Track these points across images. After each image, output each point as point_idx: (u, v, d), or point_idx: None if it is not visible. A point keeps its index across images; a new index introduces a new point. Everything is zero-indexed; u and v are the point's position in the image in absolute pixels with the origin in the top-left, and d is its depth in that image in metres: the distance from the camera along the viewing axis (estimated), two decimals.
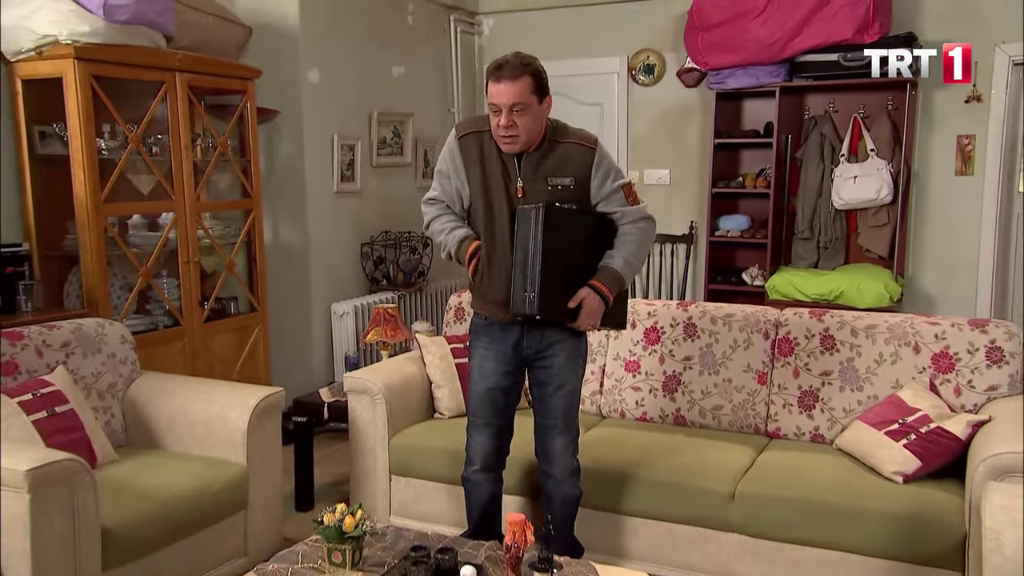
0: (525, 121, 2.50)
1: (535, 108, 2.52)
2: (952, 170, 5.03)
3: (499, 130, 2.52)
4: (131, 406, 3.21)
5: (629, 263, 2.64)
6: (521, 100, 2.47)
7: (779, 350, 3.29)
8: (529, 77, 2.49)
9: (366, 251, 5.22)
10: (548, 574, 2.03)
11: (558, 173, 2.59)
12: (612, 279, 2.61)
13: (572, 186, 2.59)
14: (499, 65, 2.50)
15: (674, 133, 5.69)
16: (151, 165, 3.90)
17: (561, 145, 2.61)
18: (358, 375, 3.39)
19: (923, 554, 2.59)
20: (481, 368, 2.78)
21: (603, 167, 2.62)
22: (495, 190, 2.63)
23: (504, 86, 2.47)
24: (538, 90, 2.52)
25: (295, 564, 2.30)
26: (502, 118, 2.49)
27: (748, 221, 5.36)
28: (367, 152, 5.21)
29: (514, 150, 2.57)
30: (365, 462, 3.39)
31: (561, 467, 2.76)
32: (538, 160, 2.59)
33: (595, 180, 2.62)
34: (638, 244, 2.66)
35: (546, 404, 2.75)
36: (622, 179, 2.66)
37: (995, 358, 2.96)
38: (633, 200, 2.66)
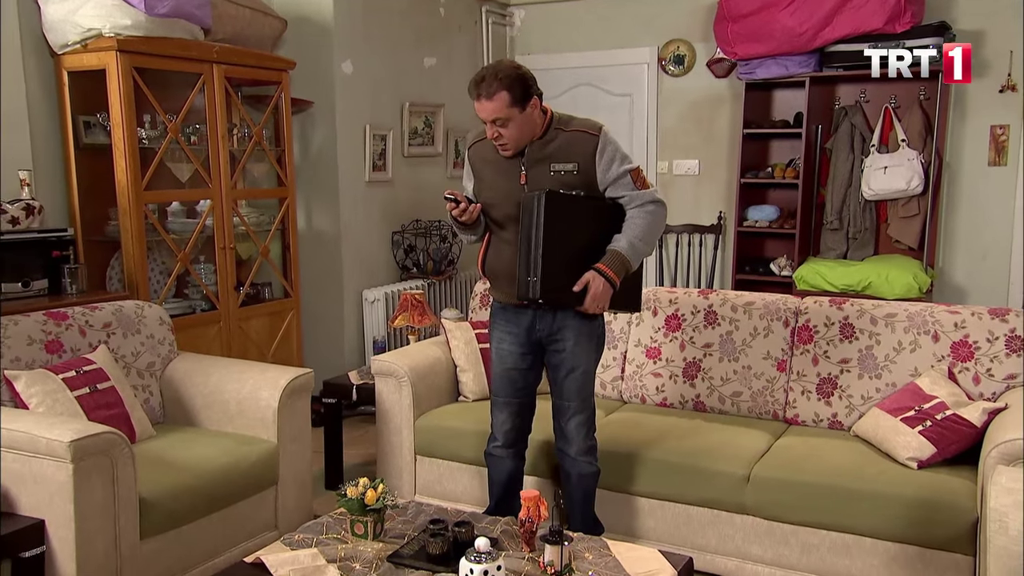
0: (510, 130, 2.60)
1: (518, 117, 2.59)
2: (985, 160, 4.99)
3: (492, 140, 2.66)
4: (168, 385, 3.35)
5: (634, 245, 2.66)
6: (500, 115, 2.57)
7: (799, 338, 3.33)
8: (505, 92, 2.55)
9: (397, 239, 5.32)
10: (558, 546, 2.11)
11: (561, 159, 2.65)
12: (617, 261, 2.64)
13: (576, 171, 2.65)
14: (476, 82, 2.59)
15: (703, 123, 5.71)
16: (189, 154, 4.03)
17: (564, 133, 2.68)
18: (385, 358, 3.49)
19: (935, 538, 2.62)
20: (499, 350, 2.87)
21: (607, 152, 2.66)
22: (501, 181, 2.74)
23: (483, 103, 2.58)
24: (518, 100, 2.58)
25: (320, 534, 2.41)
26: (488, 130, 2.63)
27: (777, 211, 5.37)
28: (399, 142, 5.31)
29: (508, 154, 2.68)
30: (391, 442, 3.49)
31: (576, 445, 2.84)
32: (540, 148, 2.67)
33: (600, 165, 2.66)
34: (645, 227, 2.67)
35: (560, 386, 2.83)
36: (629, 164, 2.69)
37: (1015, 347, 2.97)
38: (641, 185, 2.68)
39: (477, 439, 3.30)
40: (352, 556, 2.28)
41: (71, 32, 3.63)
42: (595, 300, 2.64)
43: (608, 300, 2.66)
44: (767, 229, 5.36)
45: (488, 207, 2.80)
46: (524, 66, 2.68)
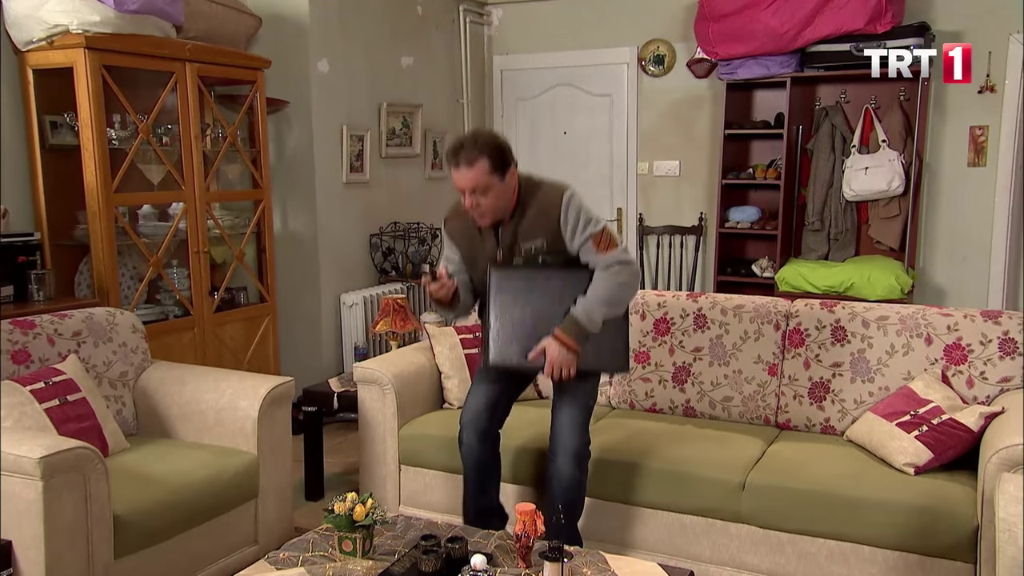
0: (489, 199, 2.60)
1: (497, 186, 2.59)
2: (965, 161, 5.00)
3: (469, 210, 2.66)
4: (142, 395, 3.22)
5: (590, 309, 2.62)
6: (480, 183, 2.56)
7: (790, 341, 3.28)
8: (485, 159, 2.55)
9: (375, 242, 5.22)
10: (558, 564, 2.03)
11: (530, 237, 2.68)
12: (572, 326, 2.62)
13: (545, 245, 2.67)
14: (455, 151, 2.58)
15: (684, 124, 5.66)
16: (161, 155, 3.90)
17: (530, 208, 2.67)
18: (367, 365, 3.39)
19: (935, 546, 2.58)
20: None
21: (570, 221, 2.64)
22: (480, 260, 2.78)
23: (463, 172, 2.57)
24: (497, 168, 2.58)
25: (306, 552, 2.31)
26: (466, 200, 2.62)
27: (758, 212, 5.35)
28: (376, 143, 5.20)
29: (486, 224, 2.70)
30: (374, 452, 3.39)
31: (564, 444, 2.76)
32: (513, 228, 2.70)
33: (566, 235, 2.65)
34: (606, 288, 2.63)
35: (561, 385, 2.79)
36: (592, 228, 2.64)
37: (1008, 349, 2.94)
38: (605, 247, 2.64)
39: None
40: (341, 575, 2.18)
41: (36, 28, 3.49)
42: (553, 366, 2.62)
43: (571, 365, 2.62)
44: (749, 230, 5.33)
45: (473, 280, 2.86)
46: (501, 135, 2.70)
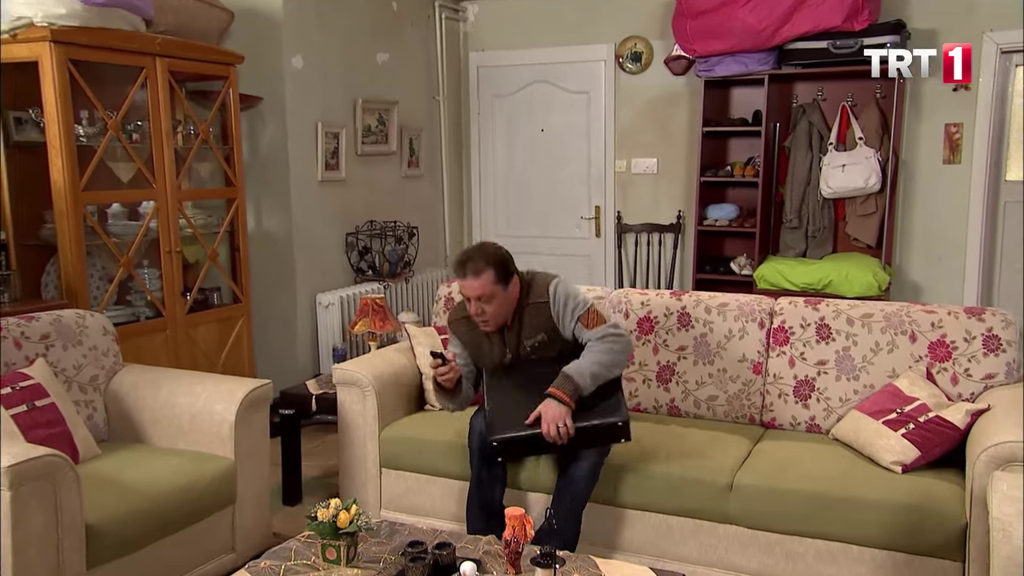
0: (493, 307, 2.80)
1: (500, 295, 2.80)
2: (940, 158, 5.02)
3: (474, 316, 2.85)
4: (114, 399, 3.12)
5: (582, 368, 2.74)
6: (485, 291, 2.77)
7: (774, 339, 3.26)
8: (491, 270, 2.76)
9: (351, 241, 5.14)
10: (550, 570, 1.98)
11: (532, 335, 2.88)
12: (563, 381, 2.72)
13: (546, 339, 2.88)
14: (463, 262, 2.79)
15: (661, 121, 5.64)
16: (131, 152, 3.80)
17: (527, 310, 2.88)
18: (347, 367, 3.32)
19: (923, 544, 2.56)
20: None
21: (558, 310, 2.85)
22: (487, 358, 2.97)
23: (469, 281, 2.78)
24: (501, 279, 2.79)
25: (287, 560, 2.24)
26: (471, 307, 2.82)
27: (736, 210, 5.34)
28: (352, 140, 5.12)
29: (489, 329, 2.89)
30: (354, 455, 3.32)
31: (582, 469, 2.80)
32: (516, 332, 2.90)
33: (560, 324, 2.86)
34: (599, 353, 2.78)
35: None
36: (579, 311, 2.85)
37: (992, 346, 2.94)
38: (593, 324, 2.83)
39: (447, 449, 3.17)
40: None
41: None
42: (548, 422, 2.67)
43: (565, 418, 2.67)
44: (727, 228, 5.32)
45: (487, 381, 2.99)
46: (503, 249, 2.87)
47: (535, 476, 3.04)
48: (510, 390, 2.88)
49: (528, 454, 2.91)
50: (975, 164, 4.94)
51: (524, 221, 6.08)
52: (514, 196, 6.12)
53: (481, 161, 6.19)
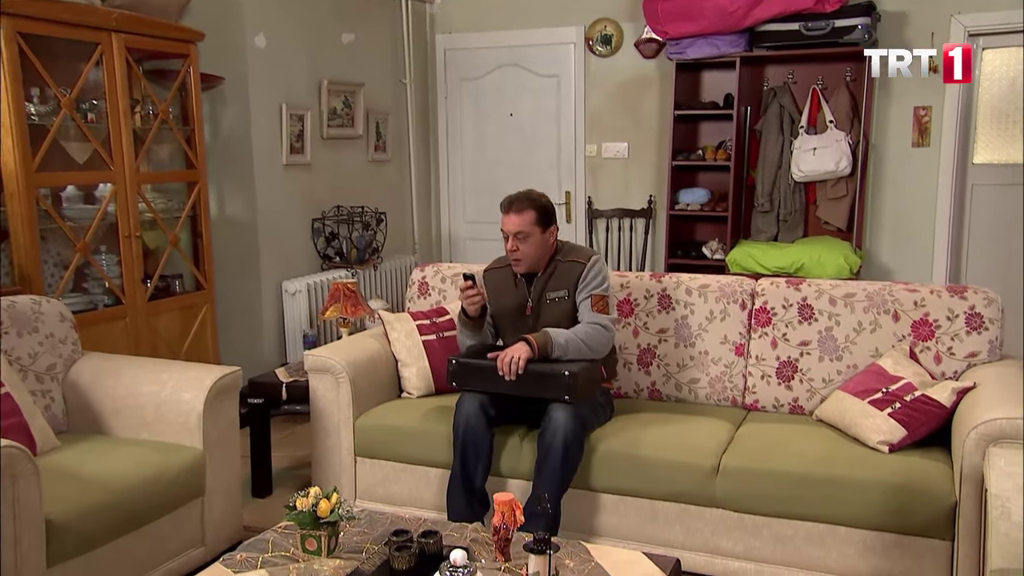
0: (528, 247, 2.95)
1: (537, 236, 2.95)
2: (909, 141, 5.04)
3: (508, 253, 3.00)
4: (73, 389, 2.97)
5: (560, 331, 2.87)
6: (523, 229, 2.93)
7: (756, 320, 3.21)
8: (534, 211, 2.94)
9: (317, 226, 5.00)
10: (544, 556, 1.90)
11: (555, 288, 3.00)
12: (541, 335, 2.85)
13: (566, 296, 2.99)
14: (510, 200, 2.98)
15: (632, 105, 5.58)
16: (86, 132, 3.63)
17: (561, 264, 3.02)
18: (320, 353, 3.20)
19: (912, 524, 2.54)
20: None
21: (588, 277, 2.97)
22: (507, 303, 3.08)
23: (511, 217, 2.95)
24: (542, 222, 2.95)
25: (265, 552, 2.13)
26: (509, 243, 2.96)
27: (708, 194, 5.30)
28: (317, 123, 4.98)
29: (520, 270, 3.02)
30: (328, 444, 3.21)
31: (558, 420, 2.77)
32: (544, 282, 3.02)
33: (579, 288, 2.98)
34: (583, 331, 2.89)
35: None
36: (599, 291, 2.96)
37: (975, 324, 2.93)
38: (600, 309, 2.95)
39: (424, 438, 3.08)
40: None
41: None
42: (507, 352, 2.80)
43: (523, 356, 2.78)
44: (699, 212, 5.28)
45: (498, 327, 3.14)
46: (549, 198, 3.05)
47: (517, 462, 2.96)
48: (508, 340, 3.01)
49: (477, 384, 2.91)
50: (943, 147, 4.96)
51: (493, 207, 5.91)
52: (483, 182, 6.02)
53: (449, 146, 6.08)
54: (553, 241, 3.03)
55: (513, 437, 3.00)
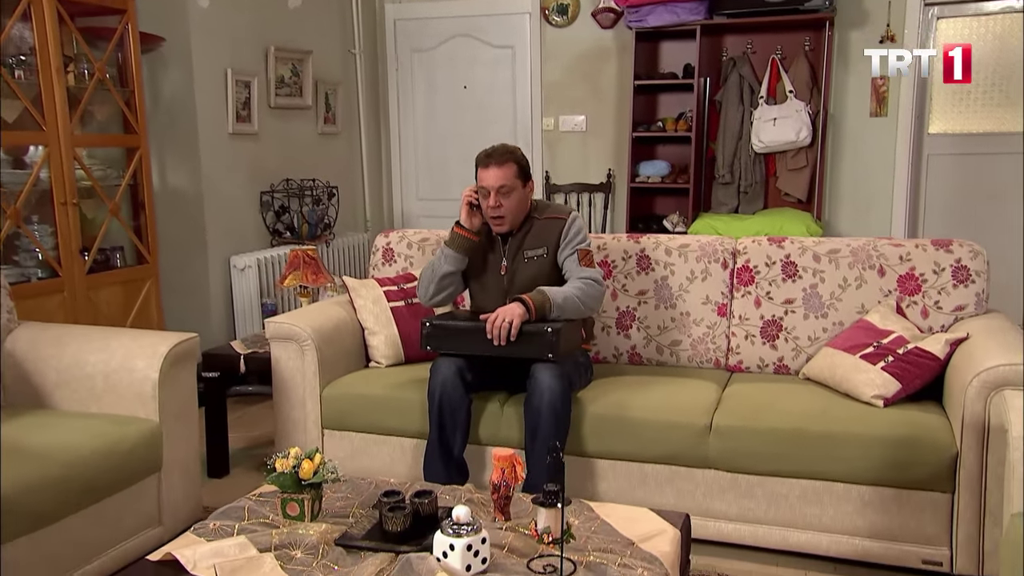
0: (510, 202, 2.78)
1: (519, 191, 2.80)
2: (867, 111, 5.03)
3: (488, 211, 2.79)
4: (9, 360, 2.71)
5: (557, 293, 2.72)
6: (507, 183, 2.76)
7: (739, 279, 3.12)
8: (515, 164, 2.78)
9: (266, 200, 4.75)
10: (556, 509, 1.76)
11: (534, 246, 2.86)
12: (537, 294, 2.70)
13: (545, 254, 2.86)
14: (488, 154, 2.80)
15: (590, 77, 5.47)
16: (15, 89, 3.34)
17: (538, 221, 2.88)
18: (283, 319, 2.99)
19: (911, 477, 2.46)
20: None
21: (570, 234, 2.84)
22: (482, 264, 2.91)
23: (492, 171, 2.76)
24: (522, 176, 2.81)
25: (242, 520, 1.93)
26: (491, 199, 2.76)
27: (668, 167, 5.22)
28: (264, 91, 4.73)
29: (502, 230, 2.84)
30: (292, 417, 3.00)
31: (544, 382, 2.63)
32: (520, 240, 2.87)
33: (562, 243, 2.85)
34: (575, 289, 2.75)
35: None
36: (583, 245, 2.85)
37: (961, 277, 2.88)
38: (587, 263, 2.82)
39: (398, 406, 2.90)
40: (289, 543, 1.82)
41: None
42: (499, 313, 2.65)
43: (515, 318, 2.62)
44: (659, 185, 5.19)
45: (472, 292, 2.99)
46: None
47: (498, 429, 2.81)
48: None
49: (455, 347, 2.74)
50: (901, 117, 4.97)
51: (448, 182, 5.80)
52: (436, 157, 5.84)
53: (401, 119, 5.88)
54: (529, 198, 2.88)
55: (492, 403, 2.85)
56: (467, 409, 2.74)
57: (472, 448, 2.83)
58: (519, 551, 1.81)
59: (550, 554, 1.80)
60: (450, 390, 2.70)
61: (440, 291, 2.88)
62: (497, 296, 2.82)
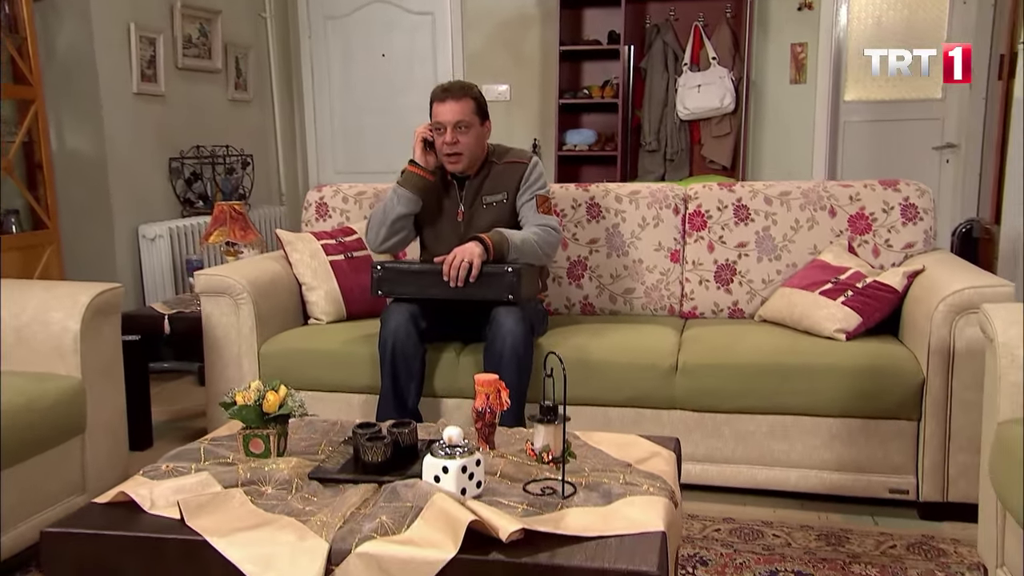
0: (468, 140, 2.65)
1: (477, 128, 2.67)
2: (787, 78, 5.11)
3: (444, 148, 2.65)
4: None
5: (515, 235, 2.62)
6: (465, 118, 2.63)
7: (691, 224, 3.07)
8: (472, 100, 2.67)
9: (176, 167, 4.43)
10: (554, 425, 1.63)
11: (493, 191, 2.74)
12: (495, 234, 2.59)
13: (505, 200, 2.74)
14: (444, 88, 2.68)
15: (513, 45, 5.35)
16: None
17: (497, 166, 2.76)
18: (215, 271, 2.76)
19: (880, 407, 2.45)
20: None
21: (532, 178, 2.75)
22: (438, 213, 2.77)
23: (449, 105, 2.63)
24: (480, 113, 2.69)
25: (196, 462, 1.71)
26: (447, 135, 2.62)
27: (594, 135, 5.16)
28: (171, 50, 4.41)
29: (458, 168, 2.69)
30: (227, 377, 2.77)
31: (506, 326, 2.49)
32: (478, 185, 2.75)
33: (520, 191, 2.75)
34: (533, 233, 2.66)
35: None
36: (543, 191, 2.75)
37: (910, 215, 2.91)
38: (545, 210, 2.73)
39: (345, 360, 2.73)
40: (258, 478, 1.62)
41: None
42: (457, 253, 2.52)
43: (475, 258, 2.49)
44: (586, 153, 5.13)
45: (426, 240, 2.83)
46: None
47: (454, 379, 2.67)
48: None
49: (410, 291, 2.59)
50: (819, 84, 5.07)
51: (367, 155, 5.58)
52: (354, 128, 5.60)
53: (316, 88, 5.61)
54: (486, 140, 2.76)
55: (447, 352, 2.69)
56: (422, 358, 2.58)
57: (427, 401, 2.67)
58: (512, 476, 1.67)
59: (545, 477, 1.67)
60: (403, 338, 2.53)
61: (392, 235, 2.71)
62: (454, 244, 2.65)
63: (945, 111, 5.08)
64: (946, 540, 2.35)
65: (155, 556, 1.42)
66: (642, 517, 1.50)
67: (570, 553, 1.41)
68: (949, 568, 2.20)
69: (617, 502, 1.56)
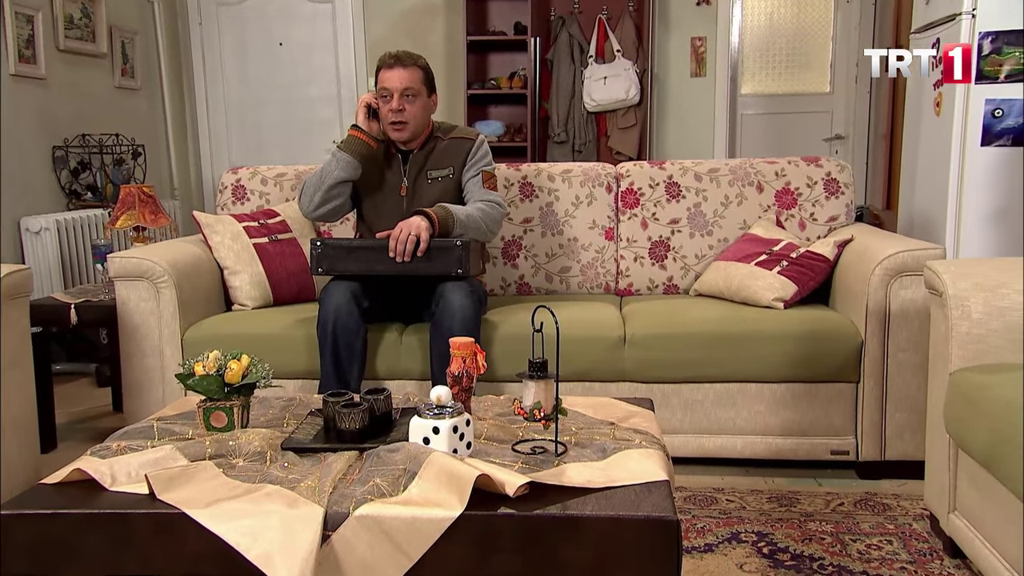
0: (414, 109, 2.59)
1: (424, 99, 2.63)
2: (688, 71, 5.24)
3: (389, 115, 2.58)
4: None
5: (460, 210, 2.56)
6: (412, 86, 2.57)
7: (624, 202, 3.07)
8: (420, 70, 2.62)
9: (60, 156, 4.11)
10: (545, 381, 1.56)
11: (438, 166, 2.68)
12: (440, 208, 2.52)
13: (451, 175, 2.68)
14: (393, 55, 2.62)
15: (417, 35, 5.26)
16: None
17: (443, 141, 2.71)
18: (131, 254, 2.55)
19: (821, 370, 2.51)
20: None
21: (479, 154, 2.71)
22: (379, 187, 2.70)
23: (398, 72, 2.57)
24: (427, 83, 2.65)
25: (151, 440, 1.55)
26: (393, 102, 2.56)
27: (503, 126, 5.14)
28: (51, 29, 4.09)
29: (402, 137, 2.62)
30: (146, 367, 2.56)
31: (454, 302, 2.42)
32: (423, 159, 2.69)
33: (466, 167, 2.70)
34: (478, 208, 2.60)
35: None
36: (489, 168, 2.71)
37: (832, 189, 3.00)
38: (490, 186, 2.69)
39: (279, 345, 2.58)
40: (226, 451, 1.48)
41: None
42: (403, 227, 2.44)
43: (421, 232, 2.42)
44: (495, 144, 5.08)
45: (367, 215, 2.74)
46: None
47: (397, 361, 2.56)
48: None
49: (352, 267, 2.48)
50: (719, 77, 5.22)
51: (265, 148, 5.35)
52: (251, 120, 5.37)
53: (208, 77, 5.34)
54: (431, 113, 2.71)
55: (389, 333, 2.59)
56: (363, 338, 2.47)
57: (368, 384, 2.54)
58: (497, 438, 1.60)
59: (532, 438, 1.60)
60: (344, 317, 2.41)
61: (326, 201, 2.58)
62: (395, 219, 2.54)
63: (833, 104, 5.34)
64: (887, 496, 2.42)
65: (123, 534, 1.27)
66: (643, 468, 1.47)
67: (581, 504, 1.35)
68: (896, 520, 2.27)
69: (613, 456, 1.52)
